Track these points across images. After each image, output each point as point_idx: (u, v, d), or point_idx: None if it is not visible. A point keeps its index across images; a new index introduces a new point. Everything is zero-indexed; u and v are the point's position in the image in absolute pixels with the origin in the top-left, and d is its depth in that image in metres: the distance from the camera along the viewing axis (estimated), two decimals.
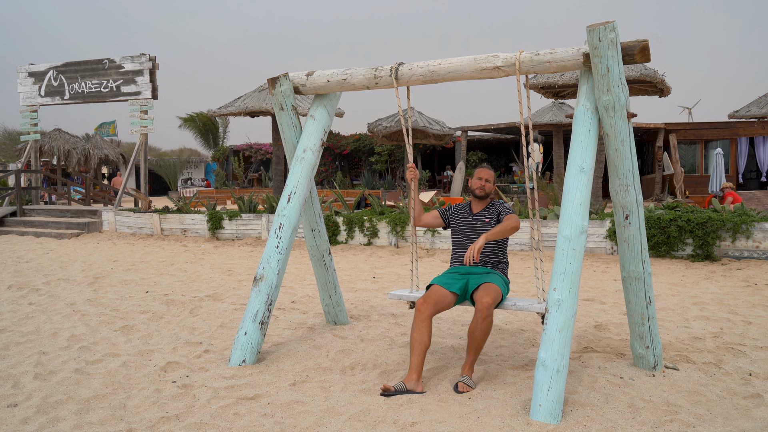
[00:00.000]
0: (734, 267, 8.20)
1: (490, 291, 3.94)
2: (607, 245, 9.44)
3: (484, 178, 4.38)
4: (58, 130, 23.23)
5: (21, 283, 7.81)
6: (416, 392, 3.78)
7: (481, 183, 4.37)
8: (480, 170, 4.42)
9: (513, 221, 4.15)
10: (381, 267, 8.95)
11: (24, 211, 15.18)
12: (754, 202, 16.18)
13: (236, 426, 3.38)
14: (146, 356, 4.67)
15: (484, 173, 4.40)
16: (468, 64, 4.19)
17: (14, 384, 4.07)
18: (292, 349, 4.78)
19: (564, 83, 12.27)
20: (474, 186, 4.39)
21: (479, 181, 4.38)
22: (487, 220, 4.33)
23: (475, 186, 4.39)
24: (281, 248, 4.59)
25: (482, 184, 4.37)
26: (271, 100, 4.90)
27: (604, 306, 6.19)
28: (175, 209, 13.25)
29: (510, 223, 4.13)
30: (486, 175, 4.39)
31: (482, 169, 4.43)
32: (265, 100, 14.84)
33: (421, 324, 3.92)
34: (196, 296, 6.88)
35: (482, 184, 4.37)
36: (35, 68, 15.97)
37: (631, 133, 3.92)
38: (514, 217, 4.21)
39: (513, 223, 4.13)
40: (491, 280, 4.08)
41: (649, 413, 3.45)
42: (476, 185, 4.38)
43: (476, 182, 4.39)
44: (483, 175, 4.39)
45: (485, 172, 4.40)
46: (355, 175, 28.81)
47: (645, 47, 3.78)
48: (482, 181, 4.37)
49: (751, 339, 4.92)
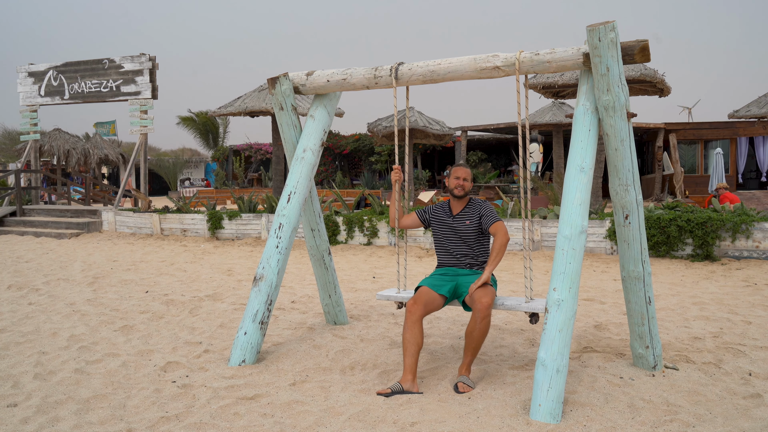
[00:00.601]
0: (734, 267, 8.20)
1: (487, 292, 3.94)
2: (606, 245, 9.44)
3: (462, 177, 4.29)
4: (57, 129, 23.23)
5: (21, 283, 7.81)
6: (413, 393, 3.79)
7: (459, 182, 4.29)
8: (457, 169, 4.33)
9: (502, 237, 4.10)
10: (381, 267, 8.95)
11: (24, 211, 15.18)
12: (753, 202, 16.18)
13: (236, 426, 3.38)
14: (146, 356, 4.67)
15: (462, 172, 4.30)
16: (468, 64, 4.19)
17: (14, 384, 4.08)
18: (292, 349, 4.78)
19: (564, 83, 12.28)
20: (452, 185, 4.32)
21: (457, 180, 4.29)
22: (467, 222, 4.26)
23: (453, 185, 4.31)
24: (281, 248, 4.59)
25: (460, 183, 4.29)
26: (271, 100, 4.90)
27: (604, 306, 6.19)
28: (174, 209, 13.26)
29: (500, 240, 4.08)
30: (463, 173, 4.30)
31: (459, 168, 4.33)
32: (265, 99, 14.84)
33: (413, 325, 3.91)
34: (195, 296, 6.88)
35: (460, 183, 4.29)
36: (35, 68, 15.97)
37: (630, 132, 3.93)
38: (502, 229, 4.14)
39: (503, 239, 4.09)
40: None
41: (648, 413, 3.45)
42: (454, 184, 4.31)
43: (454, 181, 4.31)
44: (461, 174, 4.30)
45: (462, 171, 4.31)
46: (355, 175, 28.81)
47: (645, 47, 3.78)
48: (460, 180, 4.29)
49: (750, 339, 4.92)
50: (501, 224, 4.19)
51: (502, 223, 4.19)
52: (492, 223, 4.19)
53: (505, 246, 4.11)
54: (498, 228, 4.16)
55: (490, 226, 4.18)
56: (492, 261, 4.07)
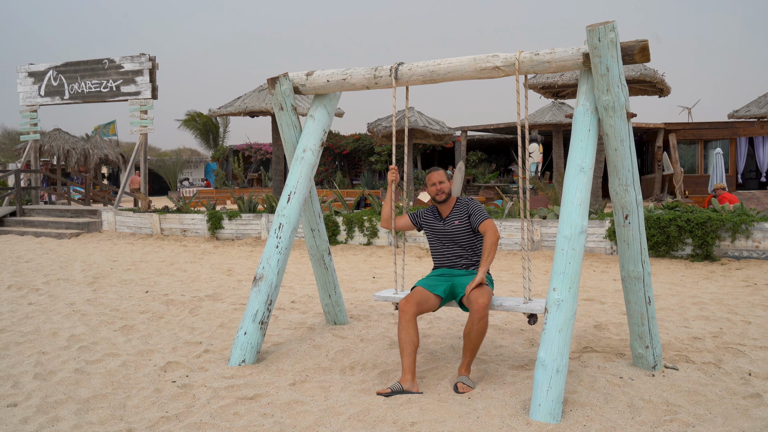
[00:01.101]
0: (734, 267, 8.20)
1: (484, 292, 3.93)
2: (606, 245, 9.44)
3: (437, 181, 4.30)
4: (57, 130, 23.23)
5: (21, 282, 7.81)
6: (413, 392, 3.79)
7: (437, 187, 4.30)
8: (430, 176, 4.33)
9: (492, 236, 4.09)
10: (381, 267, 8.95)
11: (24, 211, 15.18)
12: (753, 202, 16.18)
13: (236, 426, 3.38)
14: (146, 356, 4.67)
15: (435, 176, 4.31)
16: (468, 64, 4.19)
17: (14, 384, 4.08)
18: (292, 348, 4.78)
19: (564, 83, 12.28)
20: (432, 193, 4.33)
21: (433, 187, 4.31)
22: (456, 222, 4.26)
23: (433, 192, 4.32)
24: (281, 248, 4.59)
25: (438, 188, 4.30)
26: (271, 100, 4.90)
27: (604, 306, 6.19)
28: (174, 209, 13.26)
29: (490, 239, 4.07)
30: (437, 178, 4.30)
31: (431, 174, 4.34)
32: (264, 100, 14.84)
33: (407, 325, 3.91)
34: (195, 296, 6.88)
35: (438, 188, 4.30)
36: (35, 68, 15.96)
37: (630, 132, 3.93)
38: (491, 228, 4.13)
39: (492, 237, 4.08)
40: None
41: (648, 413, 3.46)
42: (433, 192, 4.32)
43: (431, 189, 4.32)
44: (434, 179, 4.30)
45: (435, 176, 4.32)
46: (354, 175, 28.81)
47: (645, 47, 3.78)
48: (437, 186, 4.30)
49: (750, 339, 4.92)
50: (490, 222, 4.18)
51: (491, 221, 4.18)
52: (481, 222, 4.19)
53: (496, 244, 4.11)
54: (487, 226, 4.16)
55: (479, 225, 4.19)
56: (484, 261, 4.06)
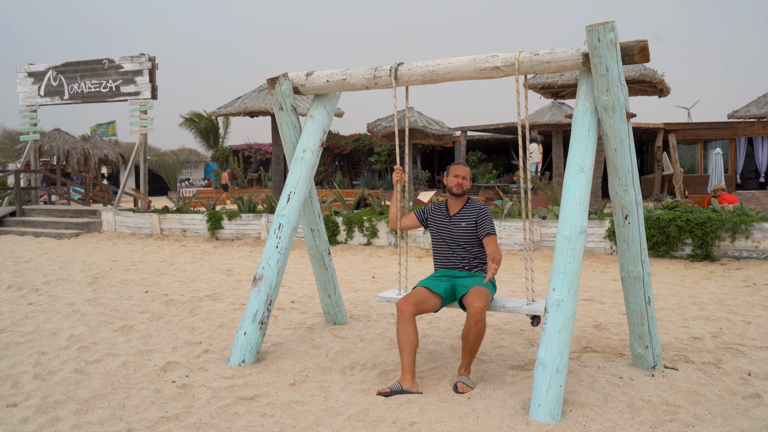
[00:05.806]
0: (733, 267, 8.20)
1: (480, 295, 3.89)
2: (606, 245, 9.44)
3: (461, 175, 4.26)
4: (57, 130, 23.23)
5: (20, 282, 7.80)
6: (412, 392, 3.79)
7: (458, 180, 4.26)
8: (456, 167, 4.29)
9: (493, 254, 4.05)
10: (380, 267, 8.95)
11: (23, 211, 15.18)
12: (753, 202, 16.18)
13: (236, 426, 3.38)
14: (146, 356, 4.67)
15: (461, 170, 4.27)
16: (467, 64, 4.19)
17: (14, 384, 4.08)
18: (292, 349, 4.78)
19: (563, 83, 12.27)
20: (450, 184, 4.28)
21: (456, 178, 4.26)
22: (463, 224, 4.23)
23: (452, 183, 4.27)
24: (281, 248, 4.59)
25: (459, 182, 4.26)
26: (271, 100, 4.90)
27: (604, 306, 6.20)
28: (174, 209, 13.25)
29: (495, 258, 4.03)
30: (463, 172, 4.27)
31: (458, 166, 4.29)
32: (264, 100, 14.84)
33: (405, 324, 3.89)
34: (195, 296, 6.88)
35: (459, 182, 4.26)
36: (35, 68, 15.96)
37: (630, 133, 3.93)
38: (492, 245, 4.11)
39: (495, 254, 4.05)
40: (480, 283, 4.03)
41: (648, 413, 3.46)
42: (453, 183, 4.27)
43: (452, 180, 4.27)
44: (460, 172, 4.26)
45: (462, 169, 4.27)
46: (354, 175, 28.80)
47: (644, 47, 3.78)
48: (459, 179, 4.26)
49: (750, 339, 4.92)
50: (494, 240, 4.14)
51: (494, 239, 4.16)
52: (485, 234, 4.17)
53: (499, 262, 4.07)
54: (489, 243, 4.13)
55: (484, 238, 4.17)
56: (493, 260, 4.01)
